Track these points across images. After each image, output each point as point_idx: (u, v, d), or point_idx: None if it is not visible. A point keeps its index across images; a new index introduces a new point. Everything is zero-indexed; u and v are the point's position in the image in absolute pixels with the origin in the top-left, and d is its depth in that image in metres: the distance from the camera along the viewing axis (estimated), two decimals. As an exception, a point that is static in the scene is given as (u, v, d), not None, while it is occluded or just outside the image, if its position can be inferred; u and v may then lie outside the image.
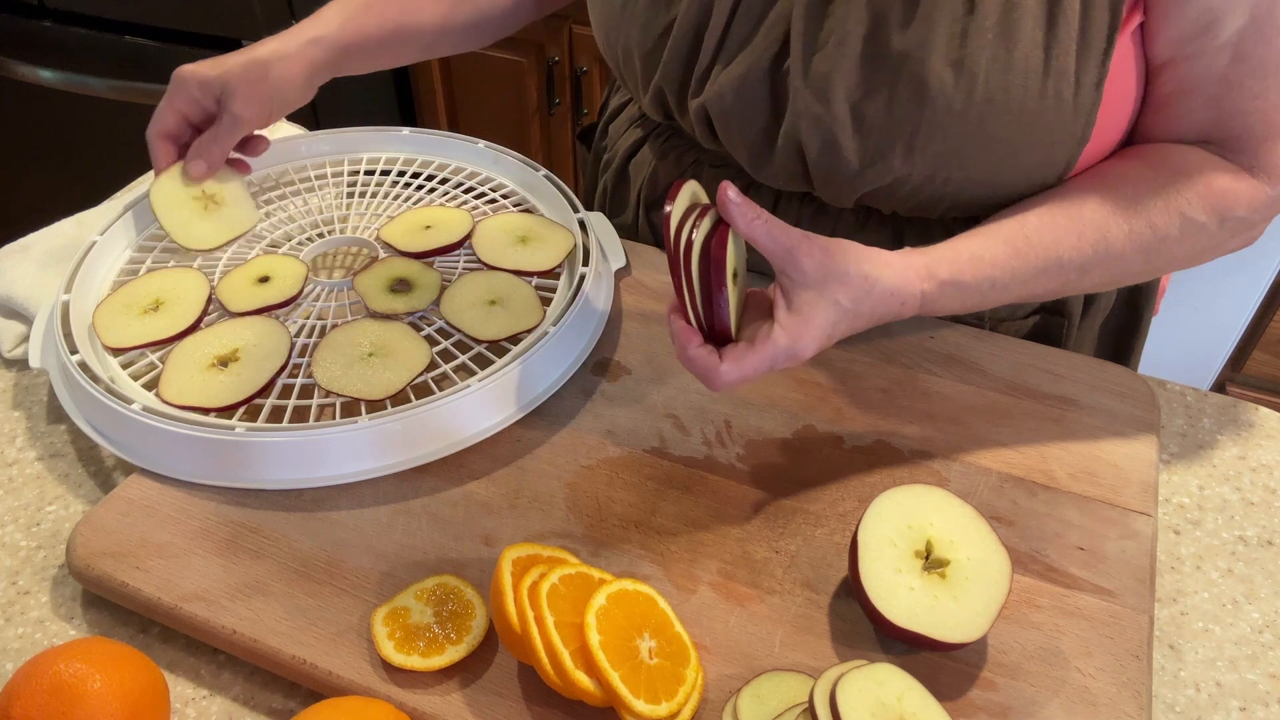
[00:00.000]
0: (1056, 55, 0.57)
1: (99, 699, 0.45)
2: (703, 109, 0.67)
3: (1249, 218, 0.61)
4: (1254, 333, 1.61)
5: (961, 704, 0.50)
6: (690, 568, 0.56)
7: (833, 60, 0.60)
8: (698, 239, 0.53)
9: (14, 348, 0.72)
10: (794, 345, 0.54)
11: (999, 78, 0.57)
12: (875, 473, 0.62)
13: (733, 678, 0.51)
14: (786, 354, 0.54)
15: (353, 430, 0.59)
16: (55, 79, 1.62)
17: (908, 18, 0.59)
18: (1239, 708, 0.54)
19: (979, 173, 0.62)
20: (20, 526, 0.61)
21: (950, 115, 0.59)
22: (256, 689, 0.53)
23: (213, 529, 0.57)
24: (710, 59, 0.66)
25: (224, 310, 0.68)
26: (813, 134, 0.63)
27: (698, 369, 0.55)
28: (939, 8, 0.58)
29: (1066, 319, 0.75)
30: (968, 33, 0.57)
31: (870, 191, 0.65)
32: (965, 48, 0.57)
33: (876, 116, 0.60)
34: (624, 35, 0.70)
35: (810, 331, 0.55)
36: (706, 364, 0.55)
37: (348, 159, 0.84)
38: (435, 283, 0.70)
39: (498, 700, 0.50)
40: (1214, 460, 0.67)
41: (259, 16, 1.47)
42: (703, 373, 0.55)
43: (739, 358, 0.54)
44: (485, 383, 0.62)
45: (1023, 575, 0.56)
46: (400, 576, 0.55)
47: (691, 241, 0.53)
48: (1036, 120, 0.59)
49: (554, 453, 0.62)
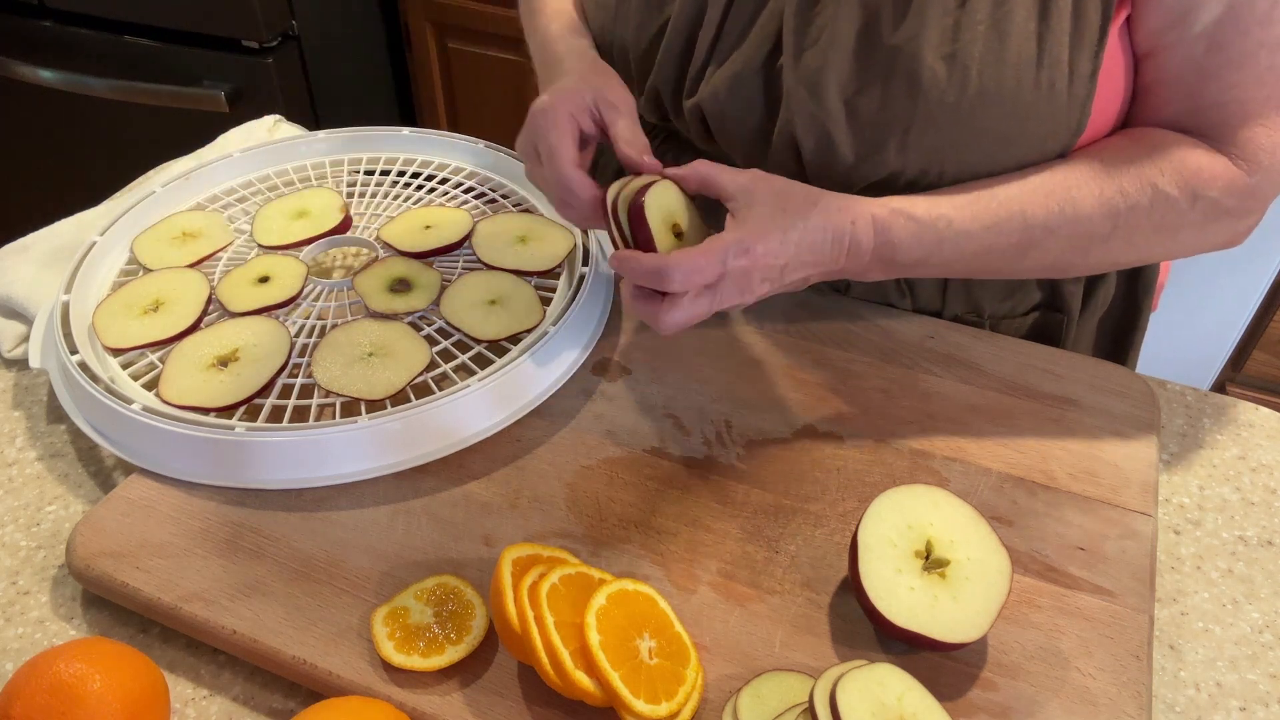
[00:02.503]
0: (1050, 46, 0.57)
1: (99, 699, 0.45)
2: (698, 109, 0.67)
3: (1223, 201, 0.61)
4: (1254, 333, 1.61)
5: (961, 704, 0.50)
6: (690, 568, 0.56)
7: (825, 56, 0.60)
8: (623, 194, 0.56)
9: (14, 348, 0.72)
10: (742, 239, 0.54)
11: (992, 70, 0.57)
12: (875, 473, 0.62)
13: (733, 678, 0.51)
14: (735, 246, 0.54)
15: (353, 430, 0.59)
16: (55, 79, 1.62)
17: (900, 12, 0.59)
18: (1239, 708, 0.54)
19: (973, 166, 0.62)
20: (20, 526, 0.61)
21: (944, 108, 0.59)
22: (256, 689, 0.53)
23: (213, 529, 0.57)
24: (704, 59, 0.66)
25: (224, 310, 0.68)
26: (807, 131, 0.63)
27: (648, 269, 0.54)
28: (931, 2, 0.58)
29: (1065, 315, 0.75)
30: (960, 25, 0.57)
31: (866, 187, 0.65)
32: (957, 41, 0.57)
33: (870, 111, 0.60)
34: (618, 36, 0.70)
35: (755, 228, 0.55)
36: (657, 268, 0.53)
37: (348, 159, 0.84)
38: (435, 283, 0.70)
39: (498, 700, 0.50)
40: (1214, 460, 0.67)
41: (259, 16, 1.47)
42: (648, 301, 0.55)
43: (687, 253, 0.54)
44: (485, 383, 0.62)
45: (1023, 575, 0.56)
46: (400, 576, 0.55)
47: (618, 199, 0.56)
48: (1030, 112, 0.59)
49: (554, 453, 0.62)
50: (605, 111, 0.63)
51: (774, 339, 0.71)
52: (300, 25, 1.54)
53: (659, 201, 0.57)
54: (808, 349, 0.70)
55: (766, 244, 0.55)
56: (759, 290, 0.58)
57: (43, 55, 1.62)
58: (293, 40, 1.55)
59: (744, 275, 0.56)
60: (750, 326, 0.72)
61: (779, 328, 0.72)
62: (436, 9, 1.66)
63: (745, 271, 0.55)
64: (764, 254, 0.55)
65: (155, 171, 0.90)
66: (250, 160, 0.82)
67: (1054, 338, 0.75)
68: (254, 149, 0.83)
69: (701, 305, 0.56)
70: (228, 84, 1.55)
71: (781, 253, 0.56)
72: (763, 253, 0.55)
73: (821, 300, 0.74)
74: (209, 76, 1.56)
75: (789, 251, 0.57)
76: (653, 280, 0.54)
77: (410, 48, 1.75)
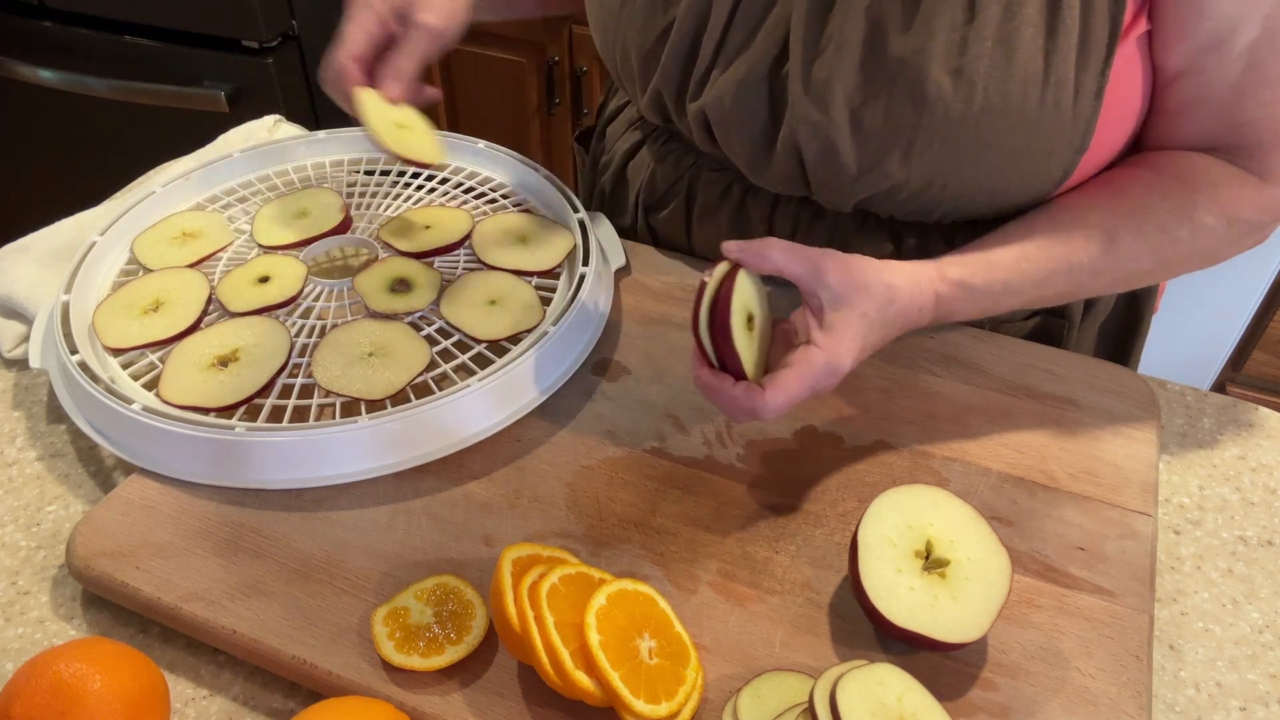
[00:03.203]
0: (1056, 64, 0.57)
1: (99, 699, 0.45)
2: (701, 112, 0.67)
3: (1257, 219, 0.62)
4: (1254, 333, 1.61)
5: (961, 704, 0.50)
6: (690, 568, 0.56)
7: (832, 66, 0.60)
8: (705, 298, 0.54)
9: (14, 348, 0.72)
10: (831, 361, 0.55)
11: (998, 85, 0.57)
12: (875, 473, 0.62)
13: (733, 678, 0.51)
14: (825, 370, 0.54)
15: (353, 430, 0.59)
16: (55, 79, 1.62)
17: (907, 24, 0.59)
18: (1239, 708, 0.54)
19: (977, 179, 0.62)
20: (20, 526, 0.61)
21: (948, 122, 0.59)
22: (256, 689, 0.53)
23: (213, 529, 0.57)
24: (709, 62, 0.66)
25: (224, 310, 0.68)
26: (811, 139, 0.63)
27: (742, 405, 0.54)
28: (938, 15, 0.57)
29: (1067, 320, 0.75)
30: (967, 40, 0.57)
31: (868, 196, 0.65)
32: (964, 55, 0.57)
33: (875, 122, 0.60)
34: (622, 37, 0.70)
35: (844, 345, 0.55)
36: (750, 397, 0.54)
37: (348, 159, 0.84)
38: (435, 283, 0.70)
39: (498, 700, 0.50)
40: (1214, 460, 0.67)
41: (259, 16, 1.47)
42: (748, 407, 0.54)
43: (781, 382, 0.54)
44: (485, 383, 0.62)
45: (1023, 575, 0.56)
46: (400, 576, 0.55)
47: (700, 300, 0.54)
48: (1035, 128, 0.59)
49: (554, 453, 0.62)
50: (411, 33, 0.67)
51: (774, 339, 0.71)
52: (300, 25, 1.54)
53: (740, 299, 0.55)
54: (808, 349, 0.70)
55: (853, 358, 0.56)
56: None
57: (43, 55, 1.62)
58: (293, 40, 1.55)
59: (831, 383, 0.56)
60: (750, 326, 0.72)
61: (779, 328, 0.72)
62: (436, 9, 1.66)
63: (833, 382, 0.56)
64: (848, 362, 0.55)
65: (155, 171, 0.90)
66: (250, 160, 0.82)
67: (1055, 342, 0.75)
68: (254, 149, 0.83)
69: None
70: (228, 84, 1.55)
71: (861, 355, 0.57)
72: (850, 366, 0.56)
73: (821, 300, 0.74)
74: (209, 76, 1.56)
75: (867, 354, 0.58)
76: (746, 415, 0.55)
77: (410, 48, 1.75)
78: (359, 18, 0.68)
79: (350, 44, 0.67)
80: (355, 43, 0.67)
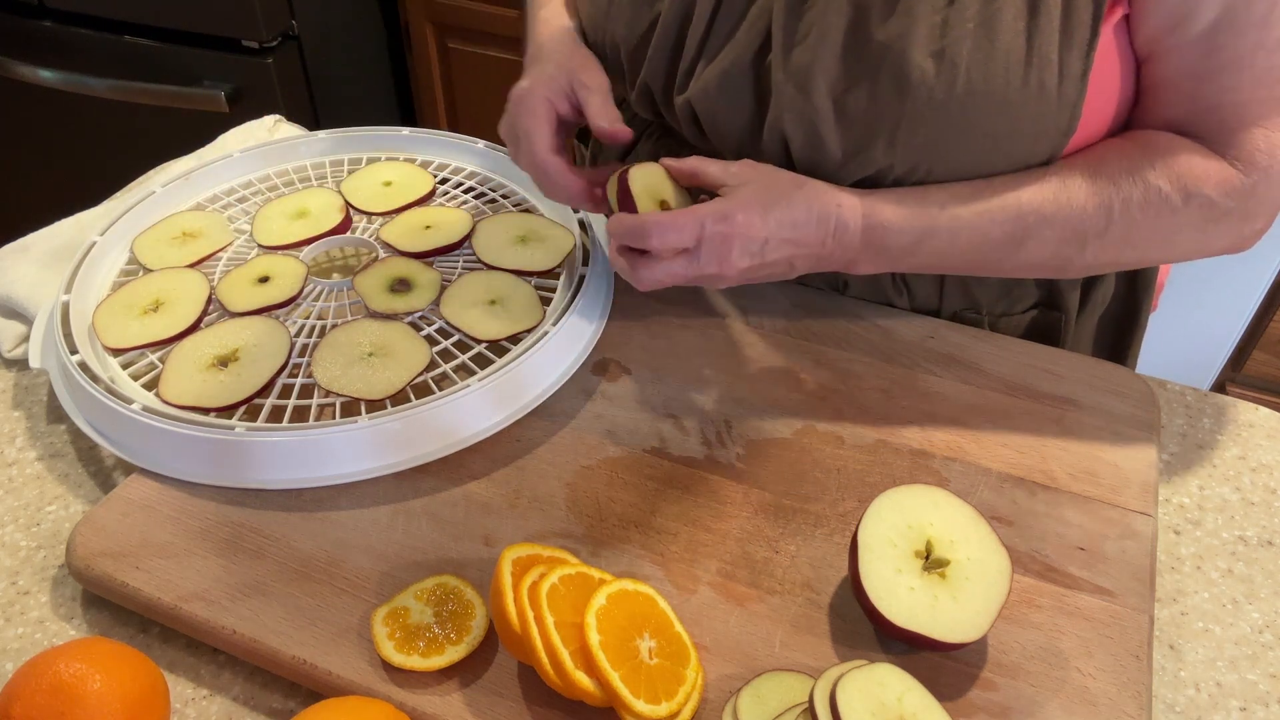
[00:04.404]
0: (1039, 45, 0.57)
1: (99, 699, 0.45)
2: (688, 105, 0.67)
3: (1220, 202, 0.61)
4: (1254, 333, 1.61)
5: (961, 704, 0.50)
6: (690, 568, 0.56)
7: (814, 53, 0.60)
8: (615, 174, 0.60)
9: (14, 348, 0.72)
10: (723, 208, 0.56)
11: (981, 68, 0.57)
12: (875, 473, 0.62)
13: (733, 678, 0.51)
14: (714, 215, 0.56)
15: (353, 430, 0.59)
16: (55, 79, 1.62)
17: (888, 9, 0.59)
18: (1239, 708, 0.54)
19: (963, 164, 0.62)
20: (20, 526, 0.61)
21: (932, 106, 0.59)
22: (256, 689, 0.53)
23: (213, 529, 0.57)
24: (694, 55, 0.66)
25: (224, 310, 0.68)
26: (796, 127, 0.63)
27: (627, 224, 0.58)
28: None
29: (1063, 314, 0.75)
30: (949, 23, 0.57)
31: (855, 183, 0.65)
32: (946, 38, 0.57)
33: (858, 109, 0.61)
34: (610, 32, 0.70)
35: (740, 201, 0.57)
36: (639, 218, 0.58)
37: (348, 159, 0.84)
38: (435, 283, 0.70)
39: (498, 700, 0.50)
40: (1214, 460, 0.67)
41: (259, 16, 1.47)
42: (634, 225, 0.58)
43: (665, 214, 0.57)
44: (485, 383, 0.62)
45: (1023, 575, 0.56)
46: (400, 576, 0.55)
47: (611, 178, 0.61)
48: (1020, 111, 0.59)
49: (554, 453, 0.62)
50: (580, 92, 0.66)
51: (774, 339, 0.71)
52: (300, 25, 1.54)
53: (644, 177, 0.61)
54: (808, 349, 0.70)
55: (747, 215, 0.57)
56: (739, 264, 0.60)
57: (43, 55, 1.62)
58: (293, 40, 1.55)
59: (723, 243, 0.58)
60: (750, 326, 0.72)
61: (779, 328, 0.72)
62: (436, 9, 1.66)
63: (724, 239, 0.57)
64: (743, 224, 0.57)
65: (155, 171, 0.90)
66: (250, 160, 0.82)
67: (1052, 336, 0.75)
68: (254, 149, 0.83)
69: (678, 266, 0.59)
70: (228, 84, 1.55)
71: (762, 226, 0.58)
72: (742, 222, 0.57)
73: (821, 300, 0.74)
74: (209, 76, 1.56)
75: (769, 227, 0.58)
76: (633, 238, 0.57)
77: (410, 48, 1.75)
78: (535, 112, 0.66)
79: (539, 139, 0.66)
80: (544, 136, 0.66)
